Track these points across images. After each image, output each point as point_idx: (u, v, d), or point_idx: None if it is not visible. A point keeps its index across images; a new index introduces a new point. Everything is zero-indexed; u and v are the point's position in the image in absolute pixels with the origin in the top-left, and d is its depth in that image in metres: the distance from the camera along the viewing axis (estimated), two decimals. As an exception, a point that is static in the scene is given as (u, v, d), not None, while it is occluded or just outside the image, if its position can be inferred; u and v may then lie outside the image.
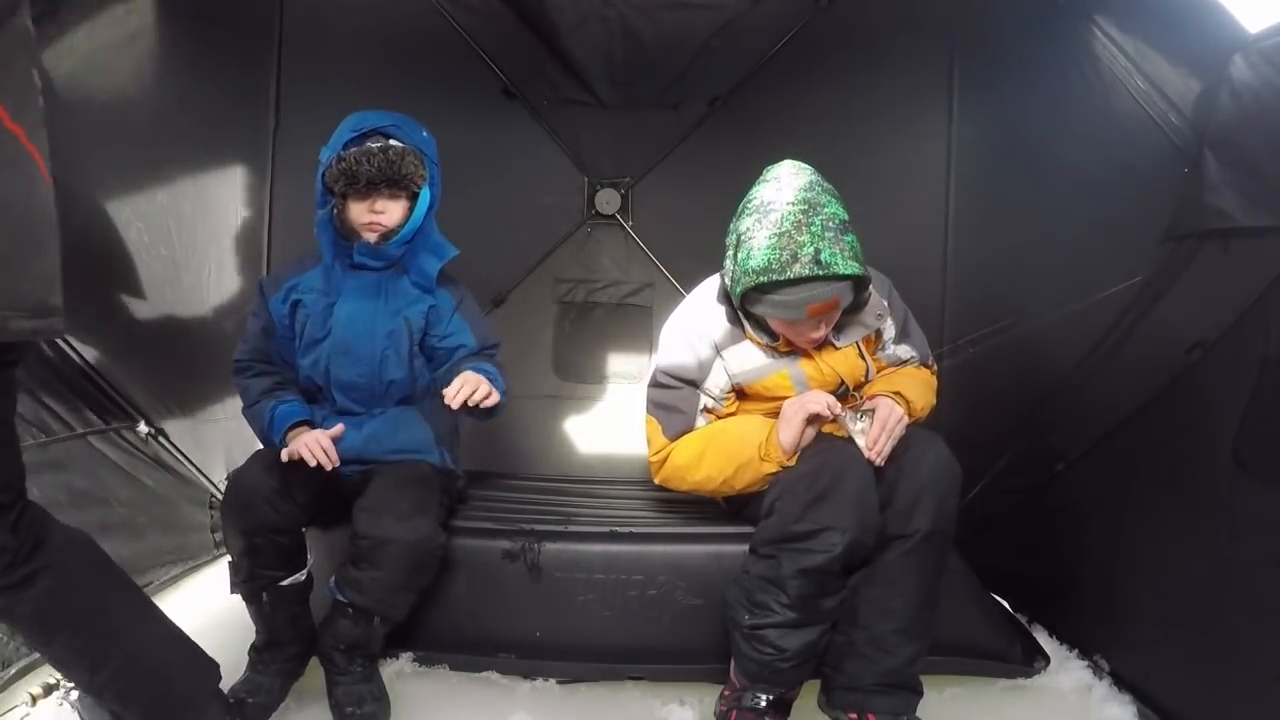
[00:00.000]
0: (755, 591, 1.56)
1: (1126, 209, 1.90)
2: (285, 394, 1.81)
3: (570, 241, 2.82)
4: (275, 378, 1.85)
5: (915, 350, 1.92)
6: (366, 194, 1.76)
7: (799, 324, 1.65)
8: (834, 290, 1.59)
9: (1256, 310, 1.53)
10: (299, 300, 1.84)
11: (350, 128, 1.75)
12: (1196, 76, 1.70)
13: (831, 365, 1.78)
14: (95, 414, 1.94)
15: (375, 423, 1.84)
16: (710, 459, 1.75)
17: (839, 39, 2.64)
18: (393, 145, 1.74)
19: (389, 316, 1.84)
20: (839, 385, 1.80)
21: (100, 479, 1.94)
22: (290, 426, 1.75)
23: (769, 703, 1.57)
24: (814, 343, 1.73)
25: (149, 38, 2.16)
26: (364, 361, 1.82)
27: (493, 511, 2.03)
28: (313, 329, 1.83)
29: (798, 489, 1.57)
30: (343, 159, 1.72)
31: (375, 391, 1.85)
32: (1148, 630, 1.75)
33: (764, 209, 1.63)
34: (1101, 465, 1.96)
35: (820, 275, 1.56)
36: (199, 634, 1.91)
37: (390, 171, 1.73)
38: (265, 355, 1.87)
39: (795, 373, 1.78)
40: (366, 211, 1.77)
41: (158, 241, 2.21)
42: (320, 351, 1.83)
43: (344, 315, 1.82)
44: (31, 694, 1.54)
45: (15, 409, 1.24)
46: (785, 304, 1.60)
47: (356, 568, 1.63)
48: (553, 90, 2.75)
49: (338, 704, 1.63)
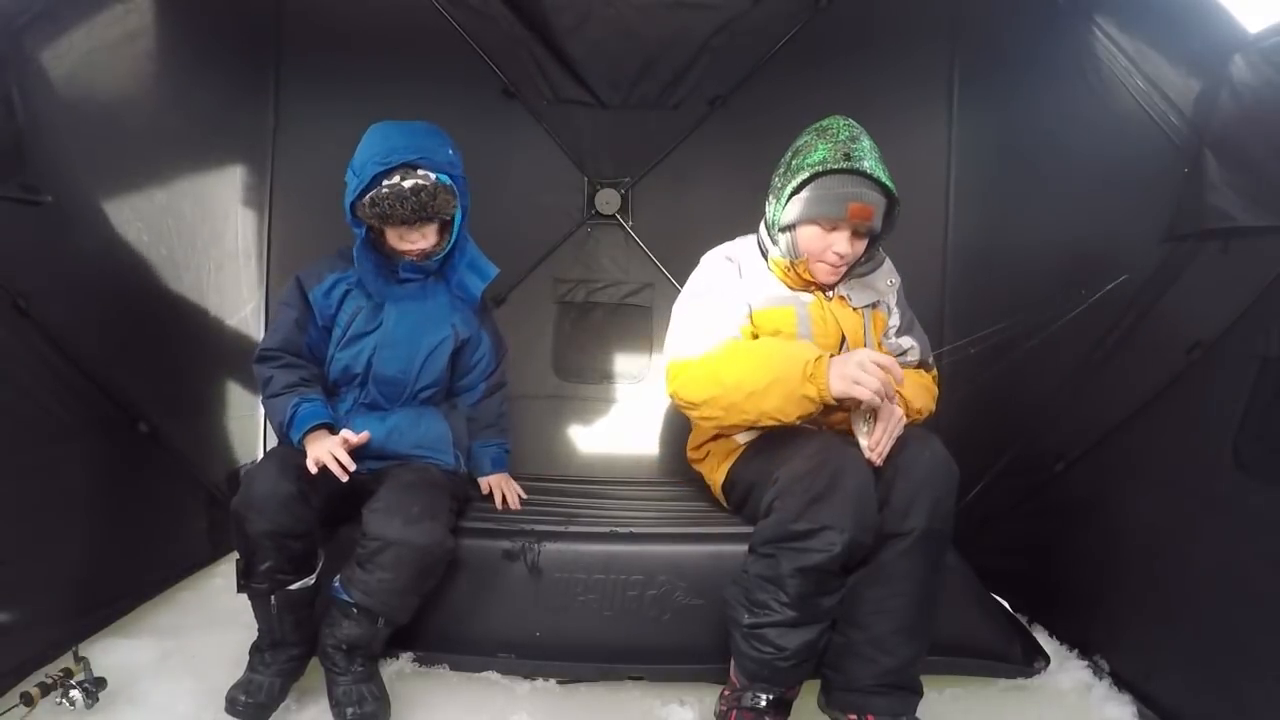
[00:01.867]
0: (754, 590, 1.56)
1: (1126, 209, 1.90)
2: (310, 391, 1.82)
3: (570, 241, 2.82)
4: (301, 372, 1.86)
5: (917, 345, 1.96)
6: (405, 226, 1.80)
7: (831, 232, 1.77)
8: (874, 198, 1.74)
9: (1256, 310, 1.53)
10: (350, 290, 1.88)
11: (378, 160, 1.74)
12: (1196, 76, 1.70)
13: (836, 316, 1.86)
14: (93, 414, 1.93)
15: (397, 417, 1.88)
16: (747, 363, 1.68)
17: (839, 39, 2.64)
18: (424, 183, 1.75)
19: (440, 322, 1.93)
20: (839, 340, 1.86)
21: (98, 480, 1.94)
22: (311, 429, 1.75)
23: (769, 702, 1.57)
24: (835, 266, 1.80)
25: (148, 37, 2.15)
26: (407, 359, 1.90)
27: (493, 511, 2.03)
28: (363, 321, 1.88)
29: (796, 488, 1.57)
30: (375, 202, 1.75)
31: (408, 389, 1.92)
32: (1148, 630, 1.75)
33: (820, 129, 1.82)
34: (1101, 465, 1.96)
35: (868, 176, 1.72)
36: (199, 634, 1.93)
37: (425, 212, 1.78)
38: (295, 348, 1.88)
39: (801, 313, 1.85)
40: (403, 240, 1.83)
41: (157, 241, 2.21)
42: (366, 344, 1.88)
43: (396, 314, 1.89)
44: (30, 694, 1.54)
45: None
46: (831, 198, 1.74)
47: (363, 569, 1.63)
48: (553, 90, 2.75)
49: (338, 703, 1.63)
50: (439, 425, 1.94)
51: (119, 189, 2.08)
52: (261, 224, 2.67)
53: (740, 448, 1.93)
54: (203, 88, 2.36)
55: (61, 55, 1.83)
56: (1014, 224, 2.35)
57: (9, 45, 1.67)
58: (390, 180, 1.74)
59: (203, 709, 1.64)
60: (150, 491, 2.15)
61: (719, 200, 2.68)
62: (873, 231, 1.82)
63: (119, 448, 2.02)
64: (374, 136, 1.80)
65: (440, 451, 1.91)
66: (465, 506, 1.98)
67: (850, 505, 1.52)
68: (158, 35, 2.18)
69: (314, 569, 1.69)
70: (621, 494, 2.33)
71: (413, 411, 1.92)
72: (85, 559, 1.89)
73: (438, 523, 1.68)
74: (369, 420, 1.86)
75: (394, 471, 1.79)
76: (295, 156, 2.69)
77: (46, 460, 1.79)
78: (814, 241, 1.80)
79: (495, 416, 2.13)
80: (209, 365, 2.46)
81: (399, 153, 1.75)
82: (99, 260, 1.99)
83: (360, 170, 1.76)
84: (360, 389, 1.91)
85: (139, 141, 2.12)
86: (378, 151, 1.76)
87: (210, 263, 2.42)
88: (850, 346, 1.86)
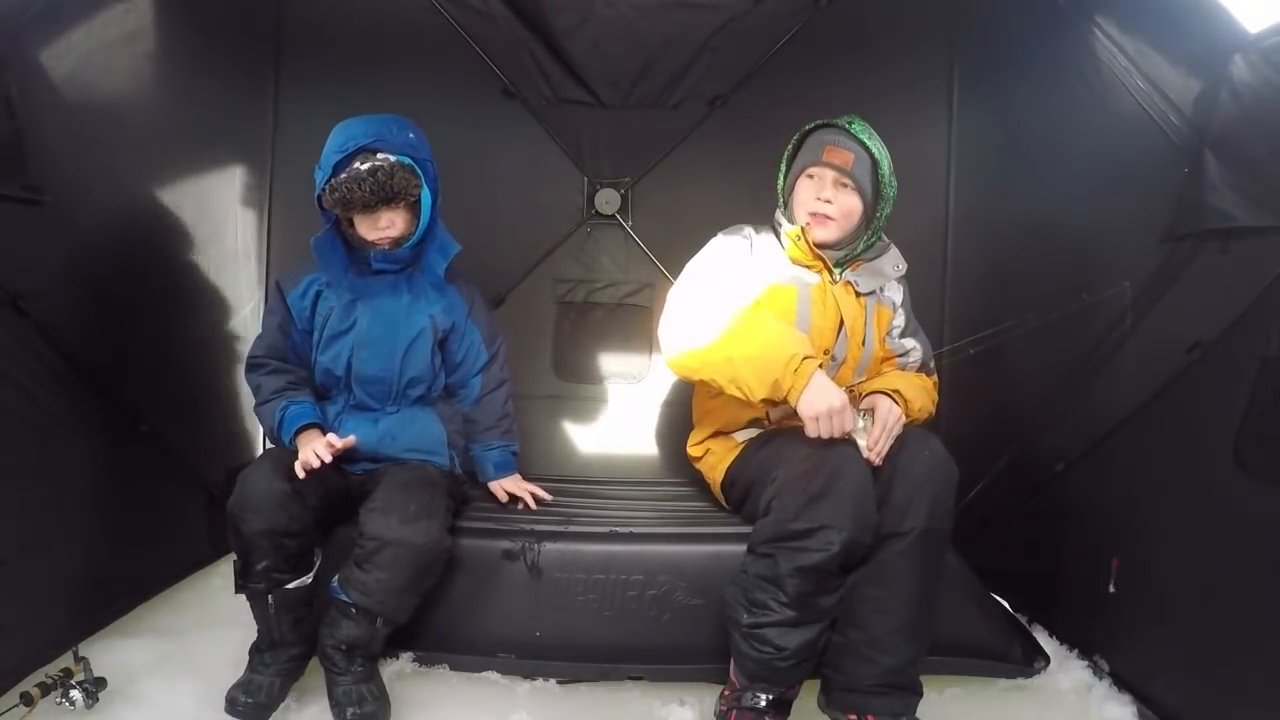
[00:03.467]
0: (753, 590, 1.56)
1: (1126, 209, 1.90)
2: (297, 394, 1.83)
3: (570, 241, 2.82)
4: (289, 376, 1.86)
5: (919, 346, 1.96)
6: (365, 212, 1.78)
7: (813, 179, 1.86)
8: (852, 146, 1.83)
9: (1256, 310, 1.53)
10: (321, 292, 1.87)
11: (336, 148, 1.75)
12: (1196, 76, 1.69)
13: (838, 301, 1.88)
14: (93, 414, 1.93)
15: (390, 420, 1.87)
16: (742, 326, 1.70)
17: (839, 39, 2.64)
18: (380, 164, 1.74)
19: (415, 314, 1.90)
20: (837, 325, 1.87)
21: (97, 480, 1.94)
22: (300, 429, 1.76)
23: (769, 702, 1.57)
24: (827, 217, 1.85)
25: (148, 37, 2.15)
26: (386, 356, 1.87)
27: (493, 511, 2.03)
28: (336, 322, 1.86)
29: (794, 488, 1.57)
30: (335, 187, 1.74)
31: (394, 387, 1.89)
32: (1148, 630, 1.75)
33: None
34: (1101, 465, 1.96)
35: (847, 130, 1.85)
36: (199, 634, 1.93)
37: (383, 193, 1.75)
38: (281, 352, 1.89)
39: (803, 294, 1.87)
40: (373, 228, 1.81)
41: (157, 241, 2.21)
42: (343, 345, 1.86)
43: (369, 311, 1.87)
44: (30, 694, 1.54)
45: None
46: (810, 146, 1.87)
47: (361, 569, 1.63)
48: (553, 90, 2.75)
49: (338, 704, 1.63)
50: (434, 427, 1.93)
51: (118, 189, 2.08)
52: (261, 224, 2.67)
53: (739, 446, 1.94)
54: (202, 88, 2.36)
55: (61, 55, 1.83)
56: (1014, 224, 2.35)
57: (9, 45, 1.66)
58: (349, 166, 1.74)
59: (203, 709, 1.64)
60: (150, 491, 2.15)
61: (719, 200, 2.67)
62: (859, 186, 1.84)
63: (119, 448, 2.02)
64: (335, 131, 1.79)
65: (435, 454, 1.91)
66: (462, 506, 1.98)
67: (848, 504, 1.52)
68: (157, 35, 2.18)
69: (311, 568, 1.69)
70: (621, 494, 2.33)
71: (405, 413, 1.91)
72: (85, 559, 1.89)
73: (434, 521, 1.68)
74: (360, 423, 1.85)
75: (390, 471, 1.79)
76: (295, 157, 2.68)
77: (46, 460, 1.79)
78: (804, 193, 1.88)
79: (497, 418, 2.08)
80: (209, 365, 2.46)
81: (355, 139, 1.75)
82: (98, 260, 1.99)
83: (324, 162, 1.77)
84: (346, 391, 1.89)
85: (139, 141, 2.12)
86: (336, 141, 1.76)
87: (210, 263, 2.42)
88: (849, 334, 1.88)
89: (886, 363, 1.98)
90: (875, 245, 1.95)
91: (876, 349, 1.94)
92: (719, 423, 2.00)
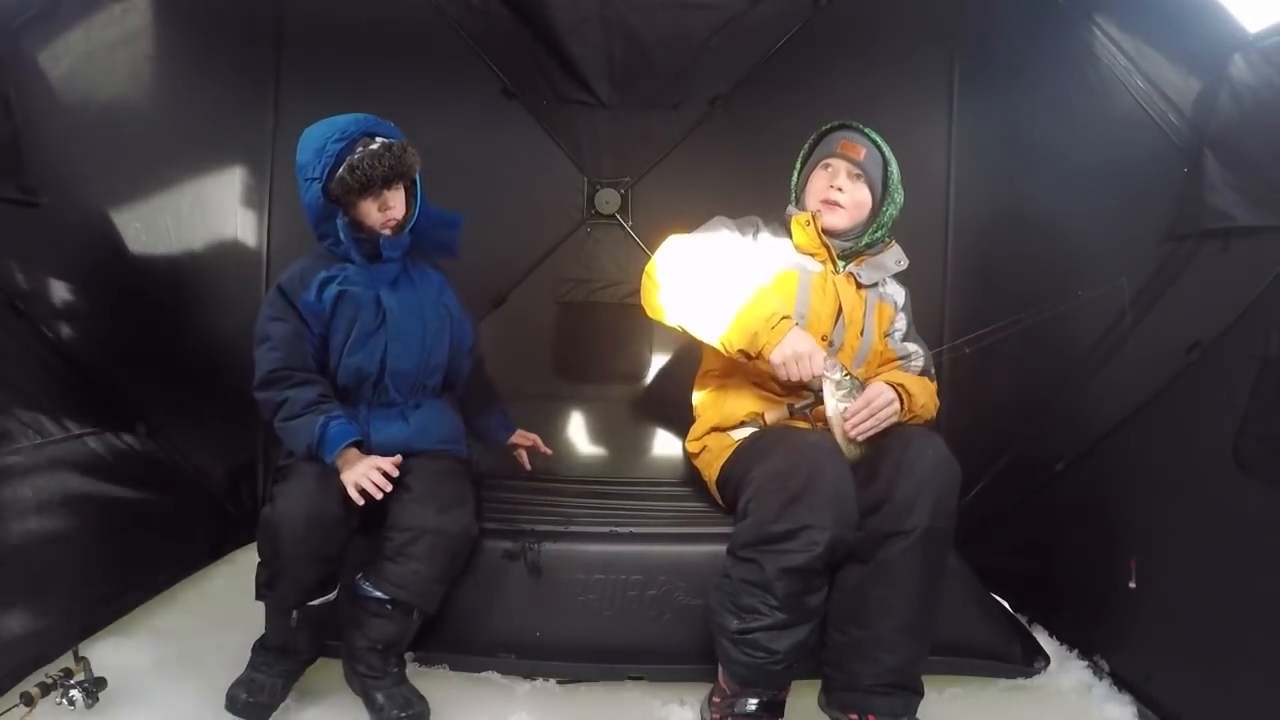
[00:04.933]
0: (741, 595, 1.54)
1: (1126, 208, 1.90)
2: (332, 409, 1.72)
3: (570, 241, 2.81)
4: (318, 388, 1.74)
5: (920, 350, 1.97)
6: (375, 193, 1.75)
7: (828, 170, 1.92)
8: (864, 142, 1.91)
9: (1256, 310, 1.53)
10: (344, 291, 1.76)
11: (335, 139, 1.71)
12: (1196, 76, 1.70)
13: (838, 291, 1.90)
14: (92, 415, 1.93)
15: (419, 415, 1.84)
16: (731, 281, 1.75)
17: (839, 39, 2.64)
18: (391, 141, 1.73)
19: (431, 304, 1.87)
20: (835, 314, 1.88)
21: (97, 481, 1.94)
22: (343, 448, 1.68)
23: (760, 705, 1.56)
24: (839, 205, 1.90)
25: (147, 37, 2.15)
26: (419, 349, 1.83)
27: (493, 511, 2.02)
28: (368, 318, 1.77)
29: (771, 488, 1.56)
30: (355, 165, 1.70)
31: (421, 379, 1.85)
32: (1148, 630, 1.75)
33: None
34: (1101, 465, 1.96)
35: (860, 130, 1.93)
36: (199, 634, 1.93)
37: (400, 167, 1.74)
38: (302, 362, 1.75)
39: (804, 280, 1.89)
40: (378, 210, 1.76)
41: (156, 242, 2.20)
42: (377, 340, 1.78)
43: (394, 303, 1.80)
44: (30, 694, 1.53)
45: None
46: (825, 142, 1.95)
47: (394, 562, 1.62)
48: (553, 90, 2.75)
49: (381, 709, 1.60)
50: (454, 417, 1.94)
51: (117, 189, 2.08)
52: (261, 224, 2.66)
53: (734, 444, 1.93)
54: (202, 88, 2.36)
55: (59, 56, 1.83)
56: (1014, 223, 2.35)
57: (6, 46, 1.67)
58: (354, 151, 1.71)
59: (203, 709, 1.64)
60: (150, 492, 2.15)
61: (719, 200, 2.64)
62: (870, 180, 1.90)
63: (118, 448, 2.02)
64: (315, 130, 1.75)
65: (457, 443, 1.91)
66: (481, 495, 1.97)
67: (829, 503, 1.52)
68: (156, 36, 2.18)
69: (337, 584, 1.68)
70: (621, 494, 2.33)
71: (429, 406, 1.87)
72: (85, 559, 1.89)
73: (466, 509, 1.70)
74: (389, 423, 1.80)
75: (417, 462, 1.75)
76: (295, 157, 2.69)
77: (46, 460, 1.78)
78: (817, 183, 1.93)
79: (484, 390, 2.09)
80: (209, 365, 2.45)
81: (354, 124, 1.72)
82: (97, 261, 1.99)
83: (321, 152, 1.71)
84: (374, 389, 1.81)
85: (138, 142, 2.12)
86: (329, 134, 1.71)
87: (210, 263, 2.42)
88: (847, 322, 1.89)
89: (888, 365, 1.98)
90: (879, 243, 1.97)
91: (876, 342, 1.94)
92: (718, 416, 1.99)
